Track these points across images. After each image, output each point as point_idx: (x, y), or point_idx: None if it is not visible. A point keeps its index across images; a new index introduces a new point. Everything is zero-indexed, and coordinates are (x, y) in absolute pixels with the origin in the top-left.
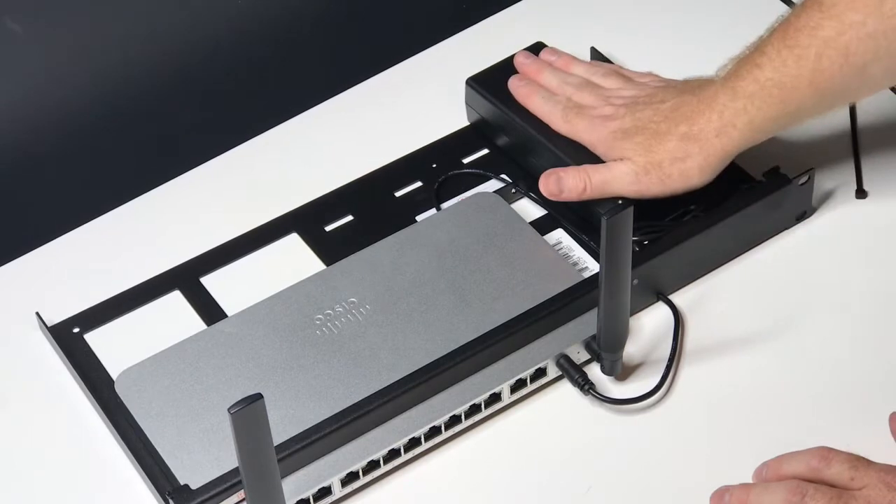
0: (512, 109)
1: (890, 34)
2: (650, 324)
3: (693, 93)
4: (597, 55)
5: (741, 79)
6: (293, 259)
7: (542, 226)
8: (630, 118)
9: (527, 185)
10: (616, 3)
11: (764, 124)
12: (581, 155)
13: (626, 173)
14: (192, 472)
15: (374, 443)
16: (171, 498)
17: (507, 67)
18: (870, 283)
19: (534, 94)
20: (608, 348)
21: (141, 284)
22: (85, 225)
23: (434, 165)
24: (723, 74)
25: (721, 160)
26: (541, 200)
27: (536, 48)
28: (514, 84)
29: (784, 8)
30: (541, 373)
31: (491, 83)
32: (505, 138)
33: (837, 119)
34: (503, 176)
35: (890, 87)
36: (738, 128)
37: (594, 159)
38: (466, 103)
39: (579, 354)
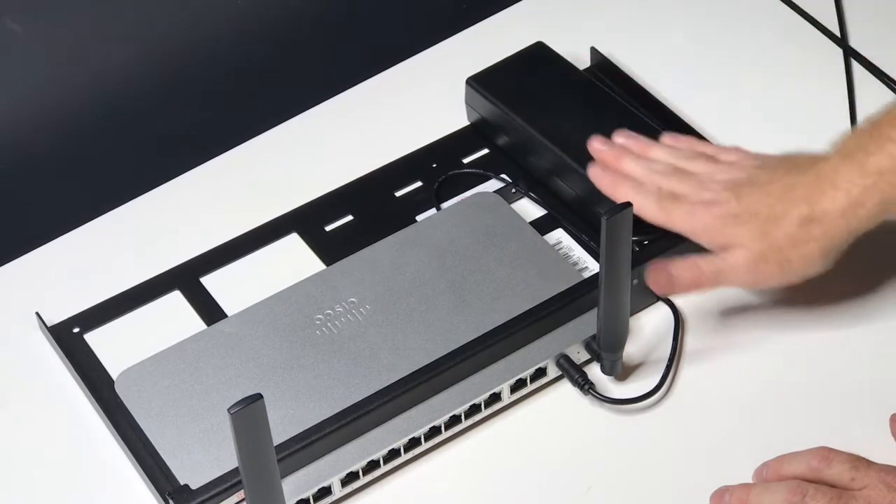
0: (512, 109)
1: None
2: (650, 324)
3: (805, 171)
4: (597, 55)
5: (870, 154)
6: (293, 259)
7: (542, 226)
8: (737, 202)
9: (527, 185)
10: (616, 2)
11: (895, 203)
12: (586, 154)
13: (743, 262)
14: (192, 472)
15: (374, 443)
16: (171, 498)
17: (507, 67)
18: (869, 283)
19: (620, 184)
20: (608, 348)
21: (141, 284)
22: (85, 225)
23: (434, 165)
24: (839, 149)
25: (846, 242)
26: (541, 200)
27: (536, 48)
28: (595, 174)
29: (784, 8)
30: (541, 373)
31: (491, 83)
32: (505, 138)
33: (837, 119)
34: (503, 176)
35: (892, 89)
36: (867, 207)
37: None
38: (466, 103)
39: (579, 354)
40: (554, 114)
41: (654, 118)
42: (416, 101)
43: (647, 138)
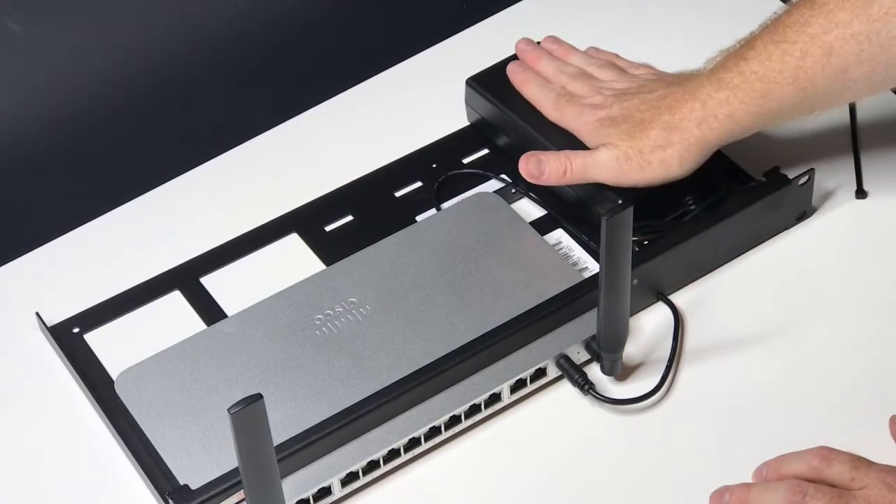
0: (512, 109)
1: (874, 37)
2: (650, 324)
3: (680, 84)
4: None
5: (727, 70)
6: (293, 259)
7: (542, 226)
8: (618, 107)
9: (527, 185)
10: (616, 2)
11: (745, 118)
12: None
13: (608, 158)
14: (192, 472)
15: (374, 443)
16: (171, 498)
17: (506, 68)
18: (870, 283)
19: (529, 81)
20: (608, 348)
21: (141, 284)
22: (85, 225)
23: (434, 165)
24: (711, 67)
25: (701, 151)
26: (541, 200)
27: None
28: (511, 69)
29: (782, 6)
30: (541, 373)
31: (491, 83)
32: (505, 138)
33: (837, 119)
34: (503, 176)
35: (892, 89)
36: (718, 119)
37: None
38: (466, 103)
39: (579, 354)
40: None
41: None
42: (416, 101)
43: (572, 45)
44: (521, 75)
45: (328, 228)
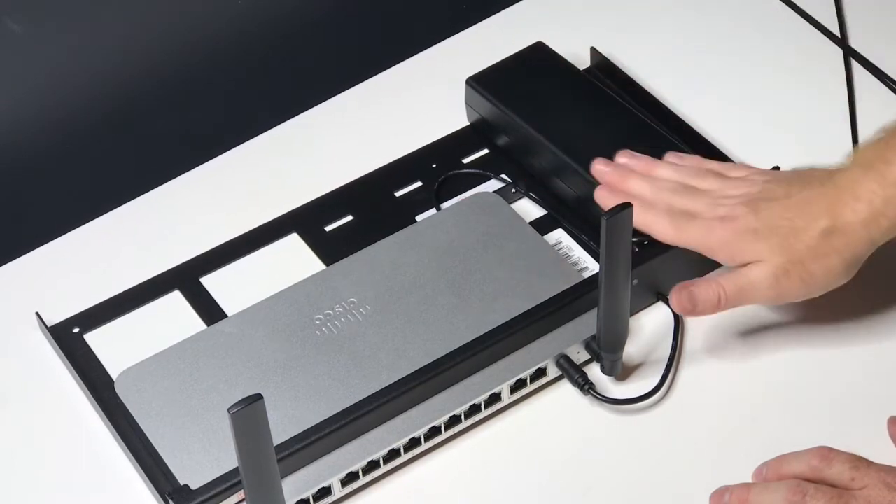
0: (512, 109)
1: None
2: (650, 324)
3: (823, 183)
4: (597, 55)
5: (890, 163)
6: (293, 259)
7: (542, 226)
8: (754, 217)
9: (527, 185)
10: (616, 3)
11: None
12: (587, 154)
13: (764, 278)
14: (192, 472)
15: (374, 443)
16: (171, 498)
17: (507, 67)
18: (869, 282)
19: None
20: (608, 348)
21: (141, 284)
22: (85, 225)
23: (434, 165)
24: (857, 160)
25: (868, 252)
26: (541, 200)
27: (536, 48)
28: (601, 195)
29: (784, 9)
30: (541, 373)
31: (491, 83)
32: (505, 138)
33: (837, 119)
34: (503, 176)
35: (892, 88)
36: (889, 217)
37: (605, 153)
38: (466, 103)
39: (579, 354)
40: (554, 114)
41: (654, 118)
42: (416, 101)
43: (650, 157)
44: (618, 201)
45: (328, 228)
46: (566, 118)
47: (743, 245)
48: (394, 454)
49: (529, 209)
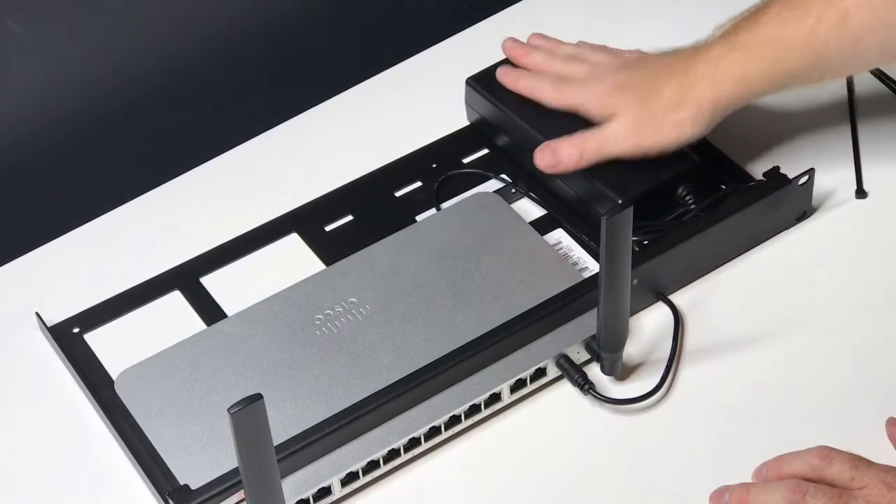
0: (512, 109)
1: (891, 5)
2: (650, 324)
3: (686, 51)
4: None
5: (740, 33)
6: (293, 259)
7: (542, 226)
8: (623, 74)
9: (527, 185)
10: (616, 3)
11: (757, 81)
12: None
13: (620, 131)
14: (192, 472)
15: (374, 443)
16: (171, 498)
17: (496, 71)
18: (870, 283)
19: (522, 75)
20: (608, 348)
21: (141, 284)
22: (85, 225)
23: (434, 165)
24: (721, 31)
25: (713, 113)
26: (541, 200)
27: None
28: (502, 71)
29: None
30: (541, 373)
31: (491, 83)
32: (505, 138)
33: (837, 119)
34: (503, 176)
35: (887, 86)
36: (730, 80)
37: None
38: (466, 103)
39: (579, 354)
40: (553, 114)
41: None
42: (416, 101)
43: (559, 40)
44: (513, 73)
45: (328, 228)
46: (565, 118)
47: (610, 99)
48: (394, 454)
49: (529, 209)
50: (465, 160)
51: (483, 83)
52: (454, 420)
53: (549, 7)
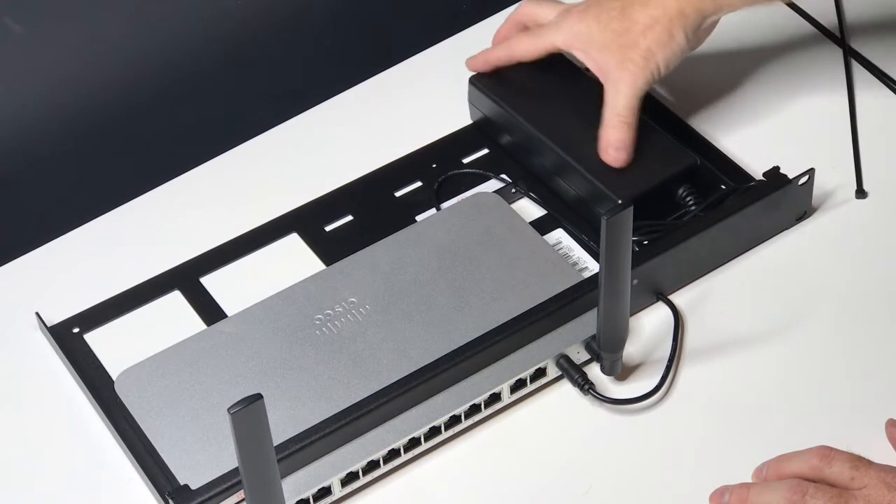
0: (515, 108)
1: None
2: (650, 324)
3: None
4: None
5: None
6: (293, 259)
7: (542, 226)
8: (596, 6)
9: (527, 185)
10: None
11: None
12: (588, 154)
13: (628, 78)
14: (192, 472)
15: (374, 443)
16: (171, 498)
17: (510, 67)
18: (870, 283)
19: (491, 48)
20: (608, 348)
21: (141, 284)
22: (85, 225)
23: (434, 165)
24: None
25: (684, 23)
26: (541, 200)
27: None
28: (472, 61)
29: (784, 9)
30: (541, 373)
31: (494, 82)
32: (507, 137)
33: (837, 119)
34: (503, 176)
35: (887, 86)
36: None
37: (596, 150)
38: (469, 102)
39: (579, 354)
40: (557, 113)
41: (654, 119)
42: (416, 101)
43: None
44: (481, 53)
45: (328, 228)
46: (569, 118)
47: (589, 30)
48: (394, 454)
49: (529, 209)
50: (466, 160)
51: (486, 82)
52: (454, 420)
53: None
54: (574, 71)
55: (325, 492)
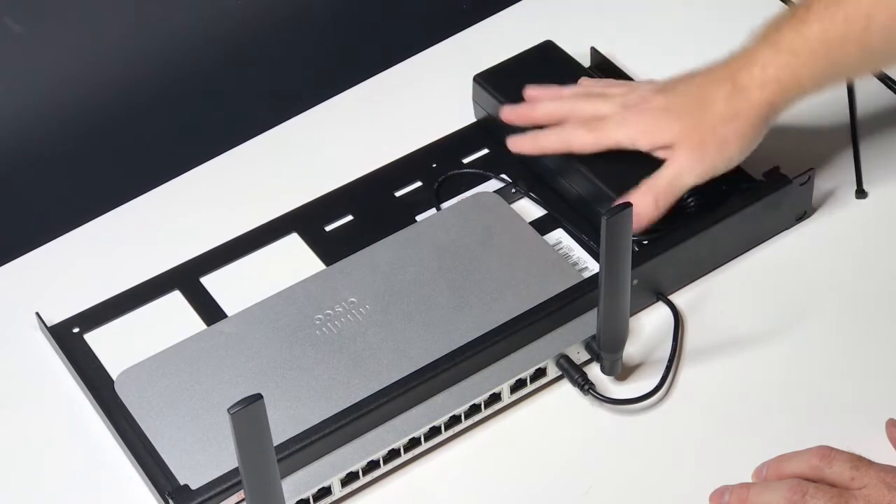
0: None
1: None
2: (650, 324)
3: (723, 61)
4: (596, 55)
5: (783, 35)
6: (293, 259)
7: (542, 226)
8: (664, 97)
9: (527, 185)
10: (616, 3)
11: (808, 81)
12: (590, 153)
13: (687, 158)
14: (192, 472)
15: (374, 443)
16: (171, 498)
17: (514, 65)
18: (869, 283)
19: (541, 134)
20: (608, 348)
21: (141, 284)
22: (85, 225)
23: (434, 165)
24: (754, 35)
25: (768, 113)
26: (541, 200)
27: (544, 47)
28: (513, 141)
29: (784, 9)
30: (541, 373)
31: (498, 80)
32: (510, 136)
33: (837, 119)
34: (503, 176)
35: (892, 88)
36: (781, 83)
37: (606, 157)
38: (473, 100)
39: (579, 354)
40: None
41: None
42: (416, 101)
43: (556, 85)
44: (529, 135)
45: (328, 228)
46: None
47: (659, 125)
48: (394, 454)
49: (529, 209)
50: (466, 160)
51: (490, 80)
52: (454, 420)
53: (550, 7)
54: (579, 70)
55: (325, 492)
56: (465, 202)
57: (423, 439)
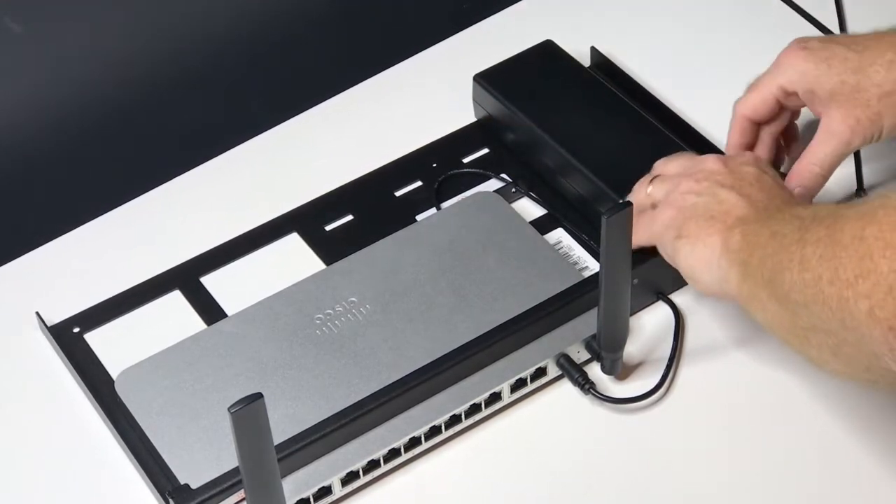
0: (519, 107)
1: None
2: (650, 323)
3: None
4: (597, 55)
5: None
6: (293, 259)
7: (542, 225)
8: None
9: (527, 184)
10: (617, 3)
11: None
12: (591, 153)
13: (838, 134)
14: (192, 471)
15: (374, 442)
16: (171, 497)
17: (515, 65)
18: None
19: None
20: (608, 348)
21: (141, 284)
22: (85, 225)
23: (434, 165)
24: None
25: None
26: (541, 200)
27: (545, 47)
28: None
29: (784, 8)
30: (541, 372)
31: (499, 80)
32: (511, 135)
33: None
34: (503, 175)
35: None
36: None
37: (609, 153)
38: (474, 100)
39: (579, 354)
40: (560, 112)
41: (656, 118)
42: (416, 100)
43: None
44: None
45: (328, 228)
46: (573, 117)
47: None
48: (394, 453)
49: (529, 209)
50: (466, 160)
51: (490, 80)
52: (454, 420)
53: (550, 7)
54: (580, 70)
55: (326, 491)
56: (465, 202)
57: (423, 439)
